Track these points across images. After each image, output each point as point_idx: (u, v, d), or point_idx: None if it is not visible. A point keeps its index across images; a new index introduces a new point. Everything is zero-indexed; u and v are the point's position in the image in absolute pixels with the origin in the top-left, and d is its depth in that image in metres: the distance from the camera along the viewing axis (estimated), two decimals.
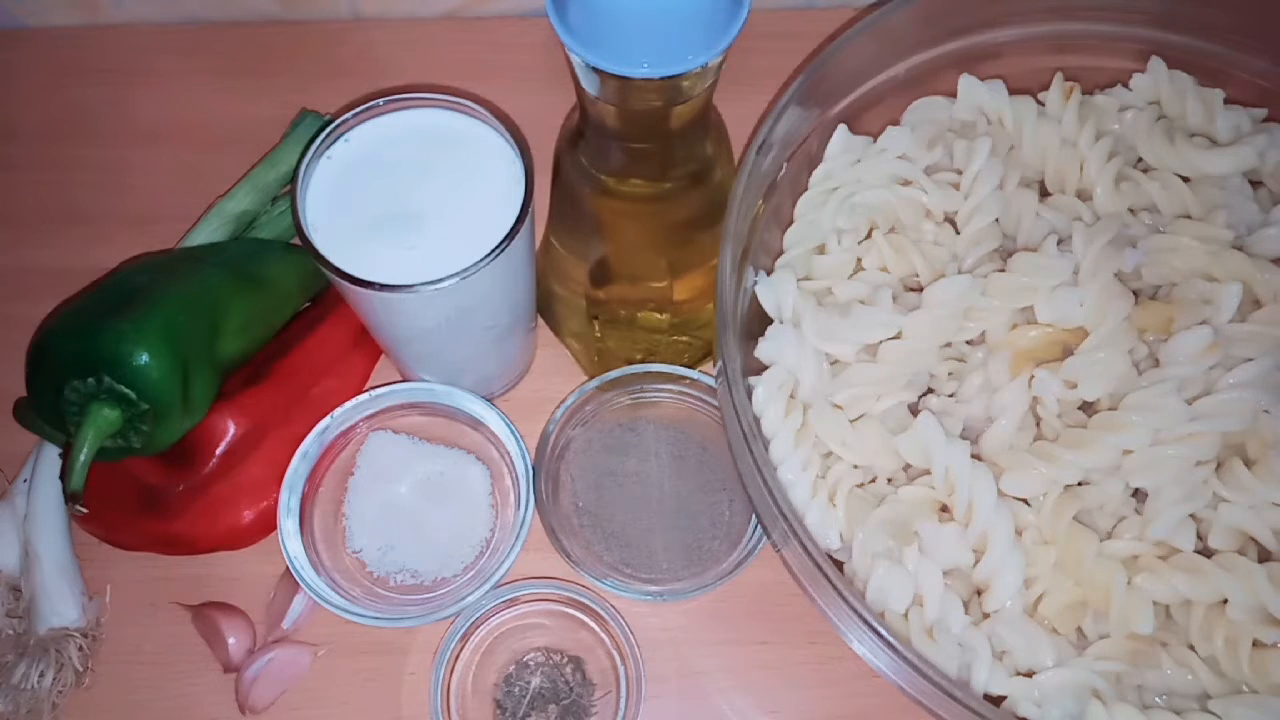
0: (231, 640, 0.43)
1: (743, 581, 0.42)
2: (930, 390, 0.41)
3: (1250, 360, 0.38)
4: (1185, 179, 0.42)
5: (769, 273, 0.42)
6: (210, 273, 0.43)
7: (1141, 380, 0.39)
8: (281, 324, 0.47)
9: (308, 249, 0.36)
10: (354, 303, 0.38)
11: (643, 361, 0.44)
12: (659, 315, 0.45)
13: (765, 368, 0.40)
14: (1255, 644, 0.36)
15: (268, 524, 0.43)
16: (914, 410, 0.40)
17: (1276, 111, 0.44)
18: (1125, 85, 0.45)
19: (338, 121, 0.38)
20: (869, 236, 0.43)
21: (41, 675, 0.42)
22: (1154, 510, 0.37)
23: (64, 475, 0.38)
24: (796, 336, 0.40)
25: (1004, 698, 0.36)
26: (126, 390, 0.38)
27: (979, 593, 0.38)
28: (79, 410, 0.38)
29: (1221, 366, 0.38)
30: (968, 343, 0.41)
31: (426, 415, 0.44)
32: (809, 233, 0.43)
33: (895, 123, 0.45)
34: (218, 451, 0.42)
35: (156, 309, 0.39)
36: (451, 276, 0.35)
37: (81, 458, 0.37)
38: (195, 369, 0.40)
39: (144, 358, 0.38)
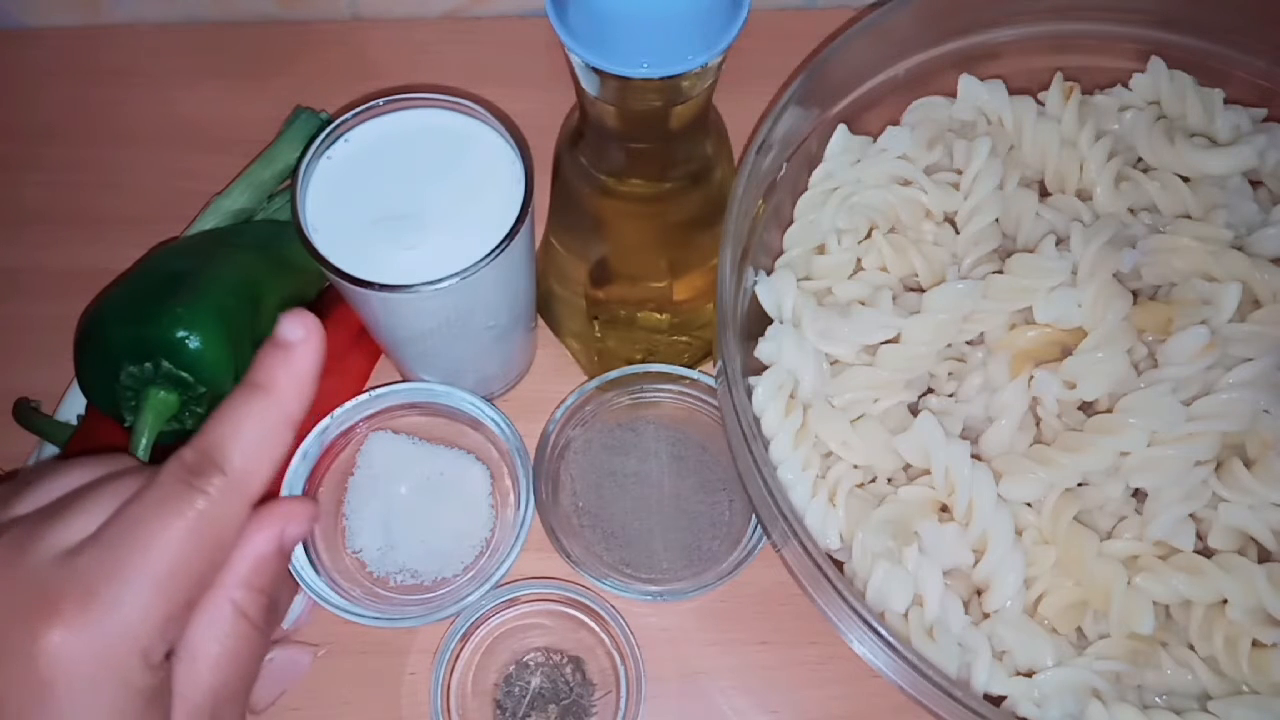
0: None
1: (743, 581, 0.42)
2: (930, 390, 0.41)
3: (1250, 360, 0.38)
4: (1185, 179, 0.42)
5: (769, 273, 0.42)
6: (245, 255, 0.44)
7: (1139, 381, 0.39)
8: (308, 304, 0.47)
9: (308, 249, 0.36)
10: (354, 303, 0.38)
11: (643, 361, 0.44)
12: (659, 315, 0.45)
13: (765, 368, 0.40)
14: (1255, 644, 0.36)
15: None
16: (914, 410, 0.40)
17: (1276, 111, 0.44)
18: (1125, 85, 0.45)
19: (338, 121, 0.38)
20: (869, 236, 0.43)
21: None
22: (1153, 510, 0.37)
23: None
24: (796, 336, 0.40)
25: (1004, 698, 0.36)
26: (183, 373, 0.38)
27: (979, 593, 0.38)
28: (135, 395, 0.39)
29: (1221, 366, 0.38)
30: (967, 343, 0.41)
31: (426, 415, 0.44)
32: (809, 233, 0.43)
33: (895, 123, 0.45)
34: None
35: (205, 292, 0.40)
36: (451, 276, 0.35)
37: (144, 442, 0.38)
38: (242, 350, 0.41)
39: (199, 341, 0.39)
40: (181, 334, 0.39)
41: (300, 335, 0.29)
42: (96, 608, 0.25)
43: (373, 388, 0.43)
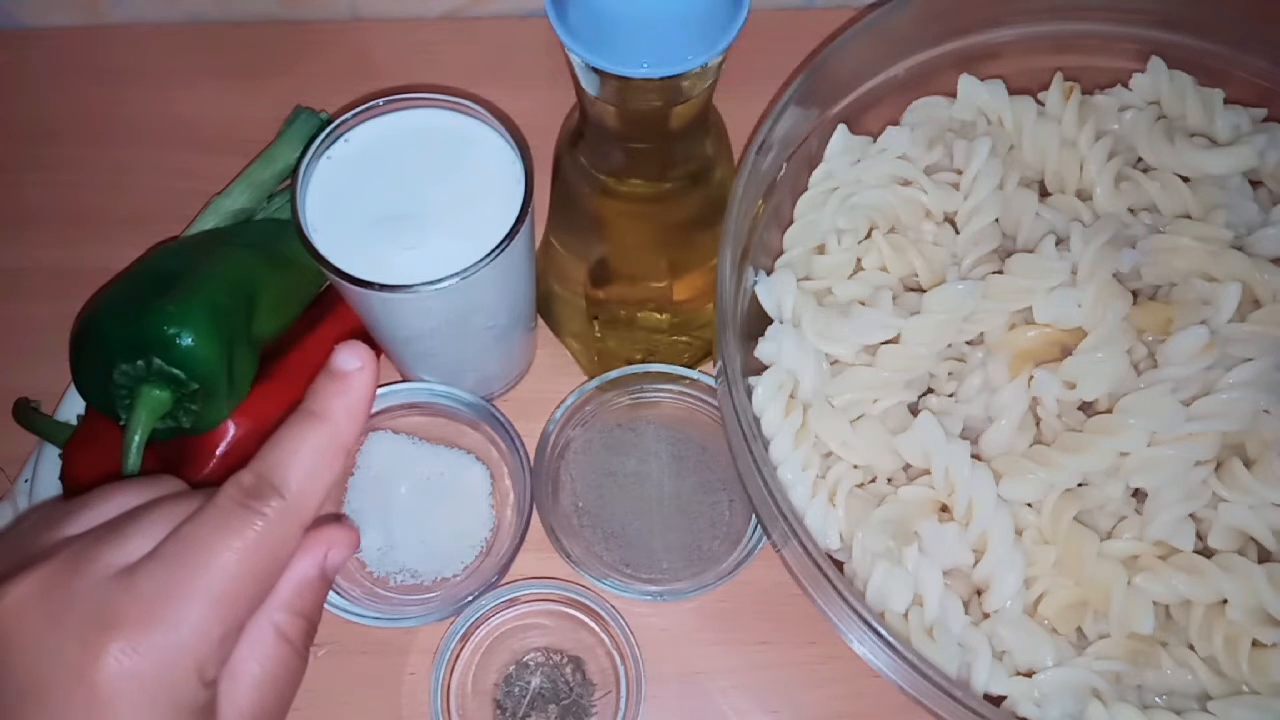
0: None
1: (743, 581, 0.42)
2: (930, 390, 0.41)
3: (1249, 360, 0.38)
4: (1185, 179, 0.42)
5: (769, 273, 0.42)
6: (242, 253, 0.44)
7: (1139, 381, 0.39)
8: (308, 302, 0.47)
9: (307, 249, 0.36)
10: (354, 303, 0.38)
11: (643, 361, 0.44)
12: (659, 315, 0.45)
13: (765, 368, 0.40)
14: (1255, 644, 0.36)
15: None
16: (914, 410, 0.40)
17: (1276, 111, 0.44)
18: (1125, 85, 0.45)
19: (338, 122, 0.38)
20: (869, 236, 0.43)
21: None
22: (1153, 510, 0.37)
23: (122, 457, 0.39)
24: (796, 336, 0.40)
25: (1004, 698, 0.36)
26: (175, 371, 0.39)
27: (979, 593, 0.38)
28: (129, 393, 0.39)
29: (1221, 366, 0.38)
30: (967, 343, 0.41)
31: (426, 415, 0.44)
32: (809, 233, 0.43)
33: (895, 123, 0.45)
34: (218, 452, 0.42)
35: (198, 290, 0.40)
36: (451, 276, 0.35)
37: (136, 439, 0.39)
38: (237, 348, 0.41)
39: (190, 338, 0.39)
40: (172, 331, 0.39)
41: (356, 365, 0.30)
42: (156, 626, 0.25)
43: None
